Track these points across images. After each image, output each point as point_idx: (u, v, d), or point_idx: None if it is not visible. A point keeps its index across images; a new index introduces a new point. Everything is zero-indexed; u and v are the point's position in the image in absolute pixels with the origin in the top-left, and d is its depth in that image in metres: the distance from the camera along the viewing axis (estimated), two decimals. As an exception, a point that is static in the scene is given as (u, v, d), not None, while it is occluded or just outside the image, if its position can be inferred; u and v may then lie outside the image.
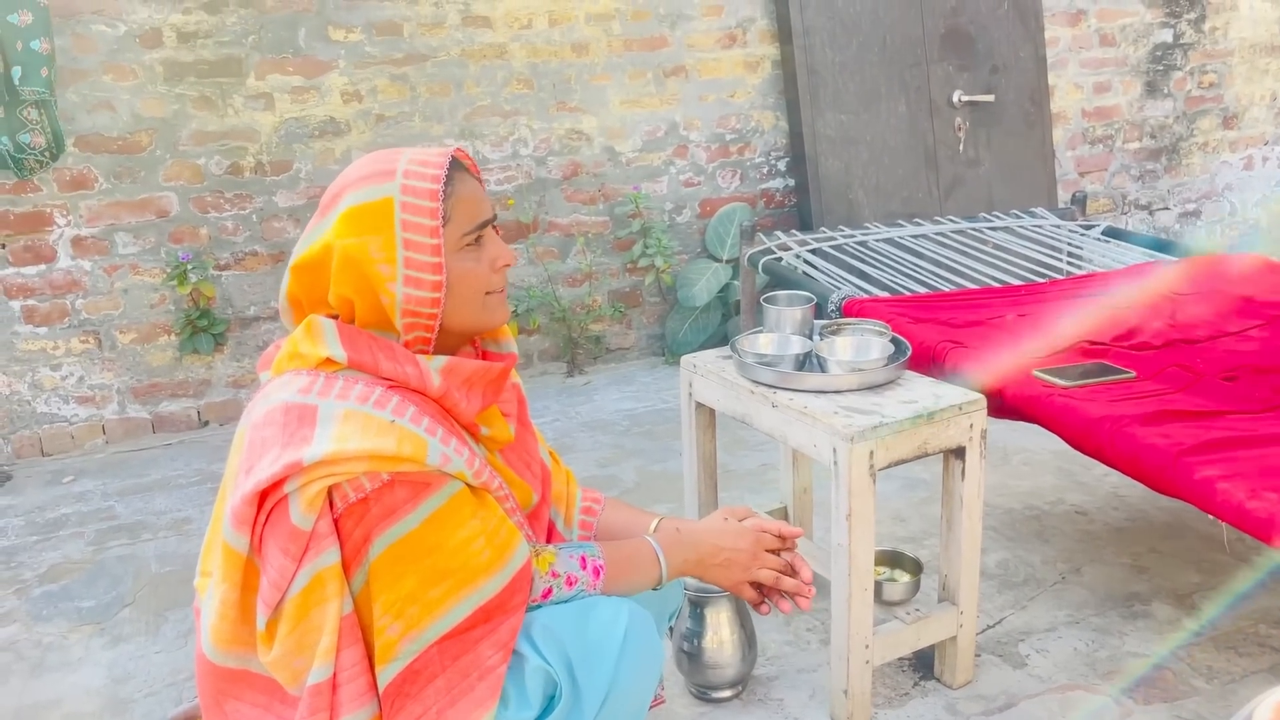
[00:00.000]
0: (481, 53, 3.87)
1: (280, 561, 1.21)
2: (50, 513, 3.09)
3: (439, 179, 1.28)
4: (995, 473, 3.00)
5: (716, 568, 1.47)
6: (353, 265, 1.27)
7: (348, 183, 1.31)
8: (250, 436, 1.25)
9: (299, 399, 1.24)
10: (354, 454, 1.19)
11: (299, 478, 1.19)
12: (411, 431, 1.23)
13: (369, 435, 1.20)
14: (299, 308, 1.37)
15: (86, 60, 3.40)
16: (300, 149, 3.69)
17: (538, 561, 1.34)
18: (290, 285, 1.35)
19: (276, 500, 1.21)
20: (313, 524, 1.20)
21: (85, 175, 3.46)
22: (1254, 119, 5.40)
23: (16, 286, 3.46)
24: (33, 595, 2.59)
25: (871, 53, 4.23)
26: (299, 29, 3.62)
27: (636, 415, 3.68)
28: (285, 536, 1.20)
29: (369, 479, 1.21)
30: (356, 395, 1.24)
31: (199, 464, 3.41)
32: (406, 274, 1.27)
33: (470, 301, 1.33)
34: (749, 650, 2.00)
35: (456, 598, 1.22)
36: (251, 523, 1.23)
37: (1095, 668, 2.08)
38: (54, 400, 3.56)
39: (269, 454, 1.21)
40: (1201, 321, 2.48)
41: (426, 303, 1.29)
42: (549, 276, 4.11)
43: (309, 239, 1.32)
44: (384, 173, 1.29)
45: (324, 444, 1.19)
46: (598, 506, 1.62)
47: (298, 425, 1.21)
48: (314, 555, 1.20)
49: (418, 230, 1.27)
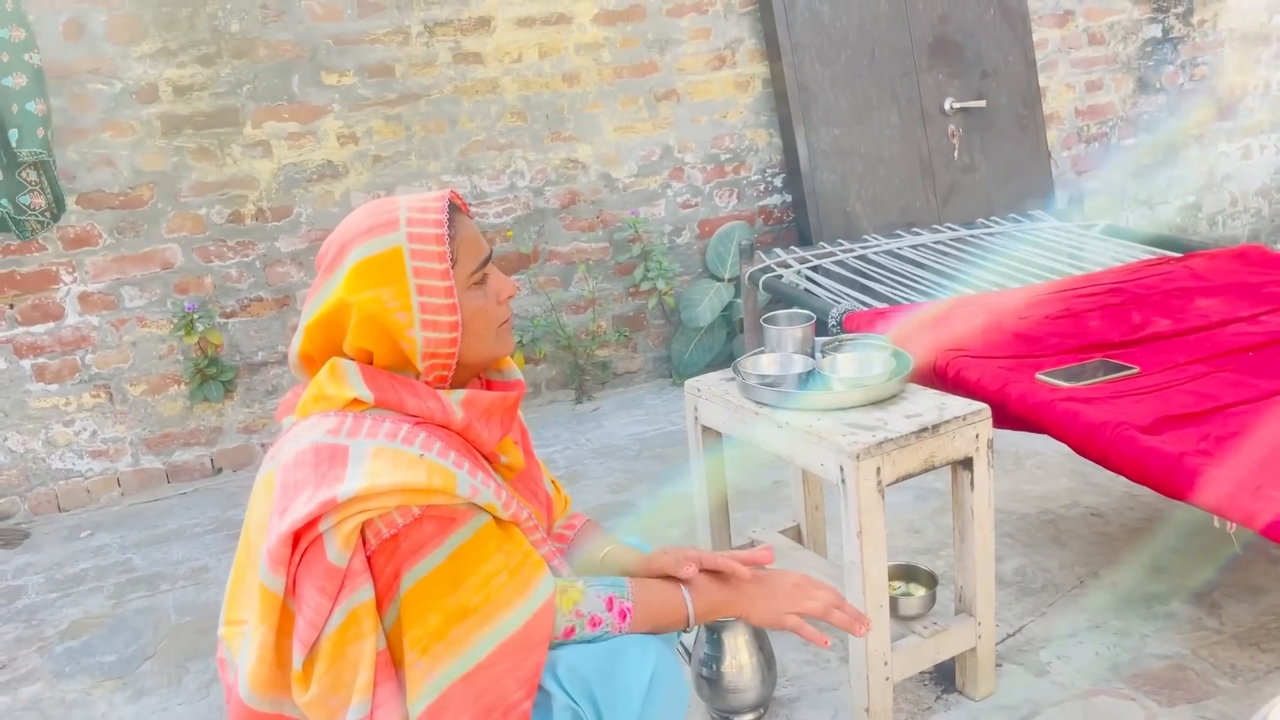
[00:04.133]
0: (474, 88, 3.90)
1: (316, 600, 1.22)
2: (69, 568, 3.11)
3: (442, 223, 1.31)
4: (1008, 478, 2.99)
5: (761, 599, 1.40)
6: (370, 318, 1.30)
7: (350, 237, 1.33)
8: (282, 479, 1.27)
9: (329, 440, 1.26)
10: (387, 488, 1.20)
11: (334, 515, 1.21)
12: (440, 465, 1.25)
13: (400, 469, 1.22)
14: (311, 363, 1.39)
15: (85, 119, 3.45)
16: (300, 193, 3.73)
17: (562, 599, 1.33)
18: (304, 344, 1.37)
19: (311, 540, 1.22)
20: (348, 561, 1.21)
21: (89, 232, 3.50)
22: (1249, 108, 5.40)
23: (26, 345, 3.49)
24: (55, 652, 2.60)
25: (861, 65, 4.26)
26: (292, 76, 3.66)
27: (647, 439, 3.68)
28: (321, 575, 1.22)
29: (401, 514, 1.23)
30: (385, 433, 1.26)
31: (214, 511, 3.42)
32: (424, 318, 1.30)
33: (484, 335, 1.38)
34: (769, 672, 2.00)
35: (479, 634, 1.23)
36: (287, 563, 1.24)
37: (1118, 671, 2.07)
38: (68, 456, 3.58)
39: (303, 494, 1.22)
40: (1212, 309, 2.48)
41: (445, 343, 1.32)
42: (552, 305, 4.13)
43: (320, 297, 1.34)
44: (387, 223, 1.31)
45: (357, 480, 1.20)
46: (569, 534, 1.60)
47: (330, 465, 1.23)
48: (349, 592, 1.22)
49: (430, 275, 1.30)
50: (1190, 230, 5.35)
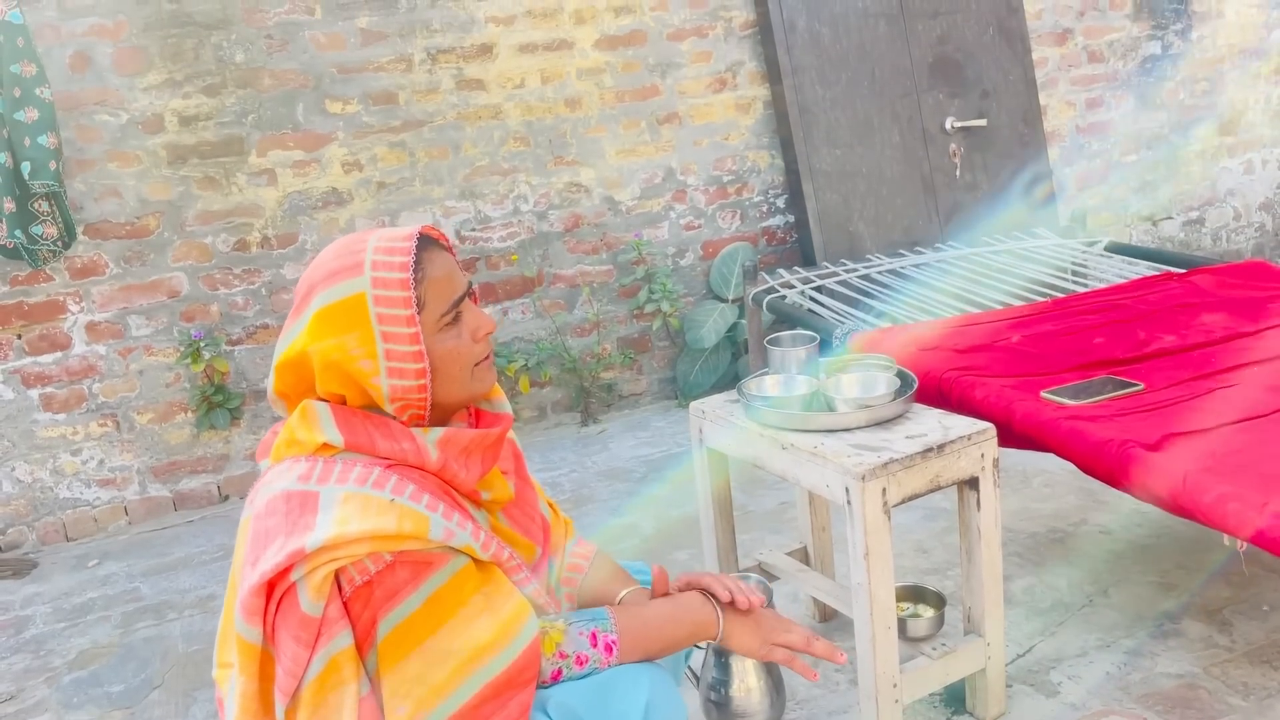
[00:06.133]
0: (477, 114, 3.93)
1: (294, 649, 1.20)
2: (77, 598, 3.11)
3: (407, 266, 1.27)
4: (1016, 496, 2.98)
5: (742, 629, 1.46)
6: (334, 365, 1.27)
7: (316, 280, 1.29)
8: (254, 527, 1.25)
9: (299, 486, 1.24)
10: (355, 536, 1.19)
11: (304, 565, 1.19)
12: (412, 509, 1.23)
13: (369, 516, 1.20)
14: (288, 399, 1.37)
15: (92, 150, 3.48)
16: (305, 221, 3.75)
17: (544, 643, 1.31)
18: (275, 383, 1.35)
19: (285, 589, 1.21)
20: (323, 610, 1.20)
21: (96, 262, 3.52)
22: (1250, 123, 5.41)
23: (34, 375, 3.51)
24: (63, 683, 2.60)
25: (861, 86, 4.28)
26: (297, 104, 3.69)
27: (653, 461, 3.68)
28: (297, 624, 1.20)
29: (373, 561, 1.20)
30: (355, 477, 1.24)
31: (221, 539, 3.42)
32: (389, 365, 1.27)
33: (458, 377, 1.33)
34: (778, 696, 1.97)
35: (462, 677, 1.21)
36: (262, 613, 1.22)
37: (1129, 691, 2.06)
38: (76, 485, 3.59)
39: (274, 544, 1.21)
40: (1217, 325, 2.47)
41: (414, 389, 1.29)
42: (557, 328, 4.14)
43: (287, 338, 1.31)
44: (351, 267, 1.27)
45: (326, 529, 1.19)
46: (577, 576, 1.57)
47: (300, 513, 1.21)
48: (326, 640, 1.20)
49: (394, 322, 1.26)
50: (1194, 246, 5.35)
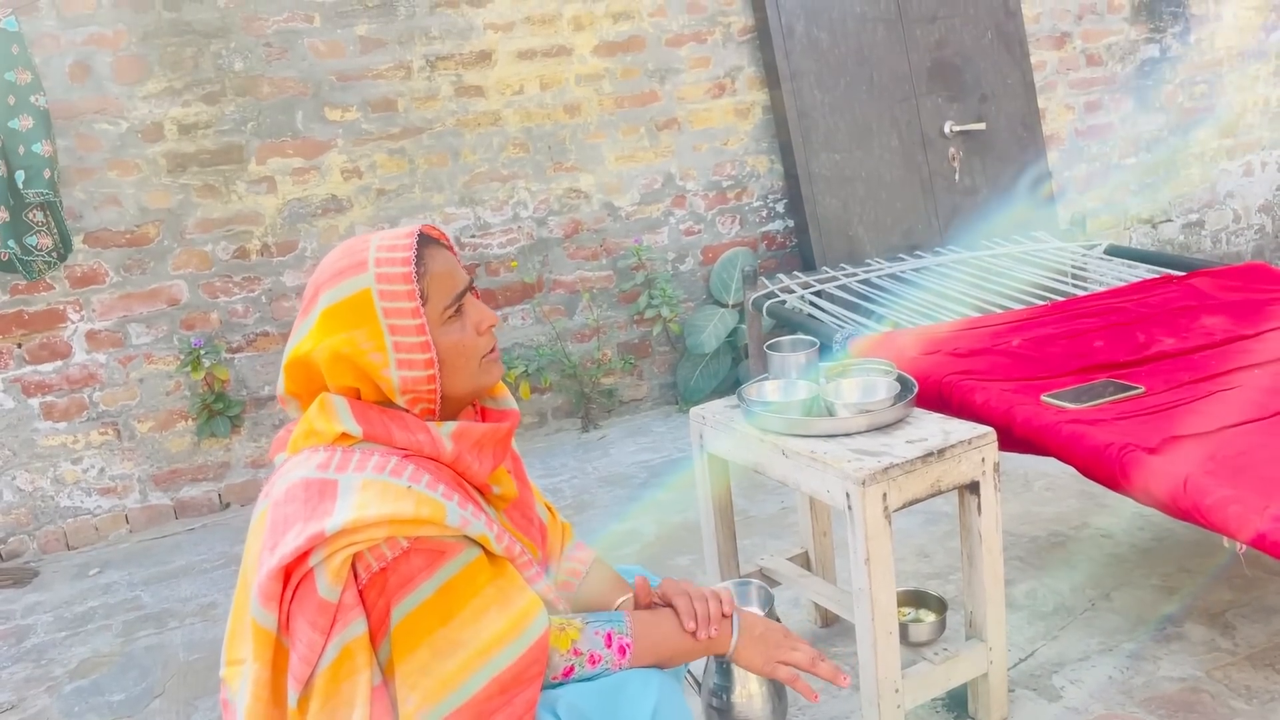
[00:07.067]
0: (476, 121, 3.94)
1: (309, 635, 1.21)
2: (78, 606, 3.10)
3: (409, 260, 1.31)
4: (1017, 500, 2.98)
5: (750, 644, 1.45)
6: (344, 360, 1.31)
7: (321, 281, 1.34)
8: (272, 515, 1.27)
9: (319, 474, 1.26)
10: (374, 520, 1.20)
11: (323, 549, 1.21)
12: (429, 496, 1.25)
13: (388, 501, 1.22)
14: (299, 399, 1.40)
15: (91, 158, 3.48)
16: (304, 228, 3.75)
17: (559, 638, 1.32)
18: (286, 383, 1.38)
19: (302, 575, 1.22)
20: (339, 595, 1.21)
21: (96, 270, 3.53)
22: (1249, 125, 5.41)
23: (34, 384, 3.51)
24: (64, 692, 2.60)
25: (860, 91, 4.28)
26: (296, 112, 3.69)
27: (653, 466, 3.68)
28: (313, 610, 1.21)
29: (389, 547, 1.22)
30: (374, 465, 1.26)
31: (222, 547, 3.42)
32: (398, 358, 1.31)
33: (464, 369, 1.37)
34: (779, 702, 1.97)
35: (470, 670, 1.22)
36: (279, 598, 1.24)
37: (1131, 695, 2.05)
38: (76, 494, 3.59)
39: (292, 529, 1.22)
40: (1217, 327, 2.47)
41: (423, 380, 1.32)
42: (557, 334, 4.14)
43: (296, 337, 1.35)
44: (355, 265, 1.32)
45: (345, 513, 1.21)
46: (575, 581, 1.58)
47: (319, 499, 1.23)
48: (341, 627, 1.21)
49: (400, 315, 1.30)
50: (1193, 248, 5.35)
